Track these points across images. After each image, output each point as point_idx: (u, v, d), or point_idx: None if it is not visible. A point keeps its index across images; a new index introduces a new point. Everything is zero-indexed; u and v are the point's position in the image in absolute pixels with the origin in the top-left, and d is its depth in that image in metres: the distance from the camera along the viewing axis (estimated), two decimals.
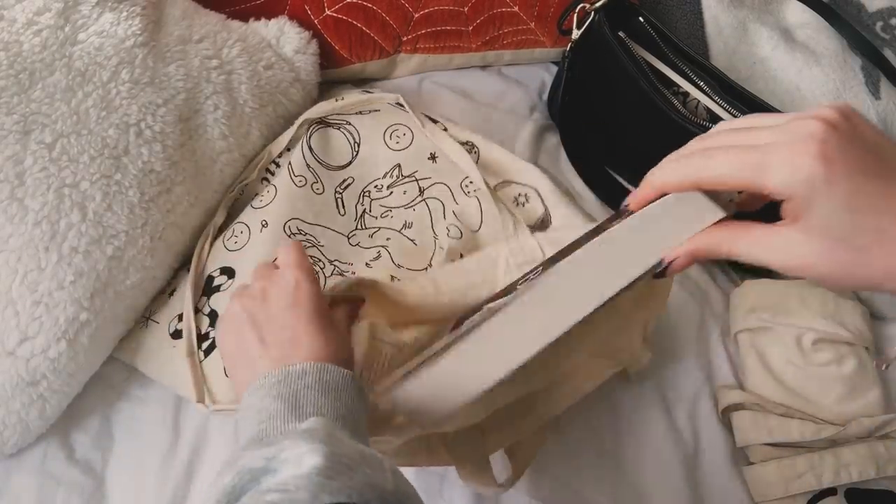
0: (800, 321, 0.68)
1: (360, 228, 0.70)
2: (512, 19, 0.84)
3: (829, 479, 0.62)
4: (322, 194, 0.69)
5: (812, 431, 0.64)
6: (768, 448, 0.65)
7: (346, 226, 0.70)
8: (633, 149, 0.80)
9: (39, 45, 0.60)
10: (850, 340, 0.67)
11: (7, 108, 0.58)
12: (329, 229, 0.68)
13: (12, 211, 0.58)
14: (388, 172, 0.72)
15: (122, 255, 0.61)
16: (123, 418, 0.65)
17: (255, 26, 0.75)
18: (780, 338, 0.68)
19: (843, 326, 0.68)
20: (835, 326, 0.68)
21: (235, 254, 0.67)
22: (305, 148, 0.70)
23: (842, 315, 0.69)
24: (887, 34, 0.85)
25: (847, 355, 0.67)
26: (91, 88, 0.61)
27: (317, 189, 0.69)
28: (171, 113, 0.65)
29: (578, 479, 0.65)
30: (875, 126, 0.37)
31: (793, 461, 0.64)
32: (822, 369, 0.66)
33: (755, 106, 0.69)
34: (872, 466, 0.62)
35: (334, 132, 0.72)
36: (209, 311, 0.66)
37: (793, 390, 0.66)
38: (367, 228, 0.70)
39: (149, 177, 0.63)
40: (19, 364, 0.58)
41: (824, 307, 0.69)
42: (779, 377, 0.67)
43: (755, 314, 0.70)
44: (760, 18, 0.83)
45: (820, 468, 0.63)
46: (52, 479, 0.61)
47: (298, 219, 0.68)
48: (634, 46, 0.75)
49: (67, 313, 0.59)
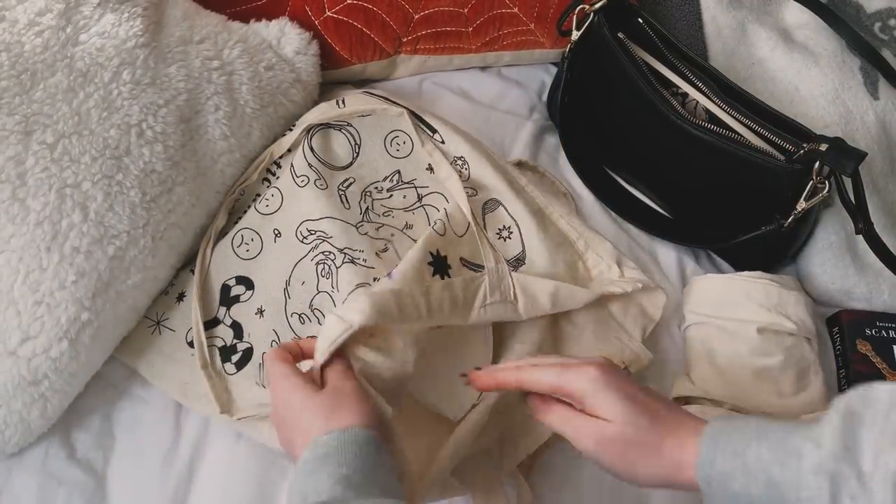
0: (744, 314, 0.68)
1: (366, 221, 0.70)
2: (512, 20, 0.84)
3: None
4: (326, 189, 0.69)
5: None
6: None
7: (352, 217, 0.69)
8: (632, 149, 0.80)
9: (41, 46, 0.60)
10: (793, 332, 0.68)
11: (9, 108, 0.58)
12: (337, 220, 0.68)
13: (14, 211, 0.58)
14: (389, 177, 0.72)
15: (123, 255, 0.62)
16: (125, 418, 0.65)
17: (256, 27, 0.75)
18: (725, 332, 0.69)
19: (786, 318, 0.68)
20: (779, 318, 0.68)
21: (250, 262, 0.68)
22: (307, 149, 0.70)
23: (785, 306, 0.69)
24: (886, 35, 0.85)
25: (791, 347, 0.67)
26: (92, 89, 0.61)
27: (320, 185, 0.69)
28: (173, 113, 0.65)
29: (579, 479, 0.66)
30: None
31: None
32: (765, 361, 0.67)
33: (754, 106, 0.70)
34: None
35: (335, 133, 0.72)
36: (231, 323, 0.66)
37: (737, 384, 0.66)
38: (373, 222, 0.70)
39: (150, 177, 0.63)
40: (21, 363, 0.58)
41: (768, 299, 0.69)
42: (723, 371, 0.67)
43: (701, 309, 0.70)
44: (759, 19, 0.83)
45: None
46: (53, 479, 0.62)
47: (307, 219, 0.68)
48: (634, 47, 0.75)
49: (69, 313, 0.59)
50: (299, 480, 0.43)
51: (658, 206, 0.82)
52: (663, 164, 0.77)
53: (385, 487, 0.43)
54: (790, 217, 0.67)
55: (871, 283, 0.74)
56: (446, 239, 0.67)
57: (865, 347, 0.72)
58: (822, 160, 0.63)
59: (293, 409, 0.48)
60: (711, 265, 0.79)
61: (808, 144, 0.65)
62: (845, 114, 0.77)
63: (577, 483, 0.65)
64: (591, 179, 0.82)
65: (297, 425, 0.47)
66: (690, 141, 0.70)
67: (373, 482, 0.42)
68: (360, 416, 0.46)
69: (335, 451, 0.43)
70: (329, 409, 0.46)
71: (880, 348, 0.72)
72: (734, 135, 0.70)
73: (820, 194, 0.65)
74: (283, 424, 0.49)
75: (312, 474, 0.43)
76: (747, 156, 0.67)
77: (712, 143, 0.69)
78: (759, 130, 0.69)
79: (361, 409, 0.47)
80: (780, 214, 0.68)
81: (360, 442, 0.44)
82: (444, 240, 0.66)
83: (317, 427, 0.46)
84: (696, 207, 0.78)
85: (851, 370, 0.71)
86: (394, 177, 0.72)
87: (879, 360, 0.71)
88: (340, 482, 0.41)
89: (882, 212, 0.74)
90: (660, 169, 0.78)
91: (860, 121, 0.77)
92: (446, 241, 0.66)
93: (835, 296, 0.75)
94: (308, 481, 0.42)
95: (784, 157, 0.67)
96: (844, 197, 0.65)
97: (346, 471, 0.42)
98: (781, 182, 0.66)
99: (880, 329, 0.73)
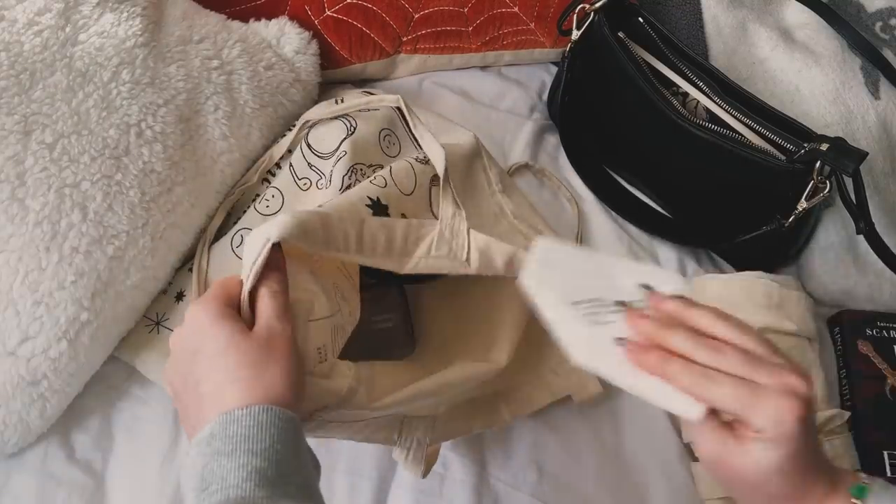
0: (744, 314, 0.68)
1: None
2: (512, 20, 0.84)
3: None
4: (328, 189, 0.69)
5: None
6: None
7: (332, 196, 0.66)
8: (632, 149, 0.80)
9: (40, 46, 0.60)
10: (794, 332, 0.67)
11: (8, 108, 0.58)
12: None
13: (13, 211, 0.58)
14: (374, 167, 0.71)
15: (122, 255, 0.61)
16: (124, 418, 0.65)
17: (256, 27, 0.75)
18: None
19: (787, 318, 0.68)
20: (779, 318, 0.68)
21: None
22: (304, 147, 0.70)
23: (786, 307, 0.69)
24: (886, 34, 0.85)
25: (791, 347, 0.67)
26: (92, 89, 0.61)
27: (322, 185, 0.69)
28: (172, 113, 0.65)
29: (579, 479, 0.66)
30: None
31: None
32: None
33: (755, 106, 0.69)
34: None
35: (332, 121, 0.71)
36: None
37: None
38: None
39: (149, 177, 0.63)
40: (20, 364, 0.58)
41: (769, 299, 0.69)
42: None
43: None
44: (760, 19, 0.83)
45: None
46: (52, 479, 0.61)
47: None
48: (634, 47, 0.75)
49: (68, 313, 0.59)
50: (202, 454, 0.38)
51: (659, 206, 0.82)
52: (664, 164, 0.76)
53: (301, 486, 0.38)
54: (791, 217, 0.67)
55: (872, 283, 0.74)
56: (387, 191, 0.61)
57: (866, 347, 0.72)
58: (823, 160, 0.63)
59: (214, 353, 0.41)
60: (712, 265, 0.79)
61: (809, 144, 0.64)
62: (846, 113, 0.77)
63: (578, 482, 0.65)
64: (591, 179, 0.82)
65: (210, 375, 0.40)
66: (691, 140, 0.70)
67: (288, 477, 0.37)
68: (286, 380, 0.40)
69: (251, 434, 0.37)
70: (257, 362, 0.40)
71: (881, 348, 0.72)
72: (735, 134, 0.70)
73: (821, 194, 0.65)
74: (189, 377, 0.42)
75: (219, 456, 0.37)
76: (748, 155, 0.67)
77: (713, 143, 0.68)
78: (760, 130, 0.68)
79: (291, 367, 0.41)
80: (781, 214, 0.68)
81: (280, 425, 0.38)
82: (384, 191, 0.61)
83: (238, 386, 0.39)
84: (696, 207, 0.77)
85: (852, 370, 0.71)
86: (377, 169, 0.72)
87: (880, 360, 0.71)
88: (252, 477, 0.36)
89: (883, 212, 0.74)
90: (660, 169, 0.78)
91: (861, 120, 0.77)
92: (388, 193, 0.61)
93: (836, 296, 0.75)
94: (213, 463, 0.37)
95: (785, 157, 0.66)
96: (845, 197, 0.65)
97: (260, 462, 0.37)
98: (782, 182, 0.66)
99: (881, 329, 0.73)
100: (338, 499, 0.63)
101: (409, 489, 0.64)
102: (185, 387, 0.42)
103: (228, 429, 0.38)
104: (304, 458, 0.40)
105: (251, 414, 0.38)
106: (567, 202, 0.80)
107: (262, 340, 0.41)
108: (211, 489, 0.36)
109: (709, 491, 0.65)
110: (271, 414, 0.38)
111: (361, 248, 0.51)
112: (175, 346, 0.44)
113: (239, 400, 0.39)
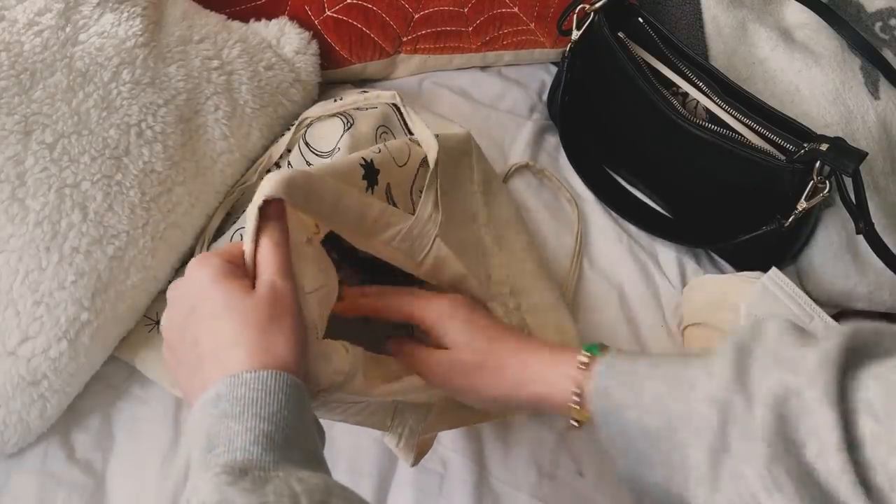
0: (737, 316, 0.68)
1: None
2: (512, 20, 0.84)
3: None
4: None
5: None
6: None
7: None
8: (632, 149, 0.80)
9: (40, 46, 0.60)
10: None
11: (8, 108, 0.58)
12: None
13: (13, 211, 0.58)
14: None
15: (123, 255, 0.61)
16: (124, 418, 0.65)
17: (256, 27, 0.75)
18: (724, 332, 0.68)
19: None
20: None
21: None
22: (303, 146, 0.70)
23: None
24: (886, 34, 0.85)
25: None
26: (92, 89, 0.61)
27: None
28: (172, 113, 0.65)
29: (579, 478, 0.66)
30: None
31: None
32: None
33: (754, 106, 0.70)
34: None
35: (330, 119, 0.71)
36: None
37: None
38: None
39: (150, 177, 0.63)
40: (20, 364, 0.58)
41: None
42: None
43: (700, 309, 0.70)
44: (760, 19, 0.83)
45: None
46: (52, 479, 0.61)
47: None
48: (634, 47, 0.75)
49: (68, 313, 0.59)
50: (208, 415, 0.37)
51: (658, 206, 0.82)
52: (664, 164, 0.76)
53: (305, 450, 0.38)
54: (791, 217, 0.67)
55: (871, 284, 0.74)
56: (382, 157, 0.61)
57: None
58: (822, 160, 0.63)
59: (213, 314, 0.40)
60: (712, 265, 0.79)
61: (809, 144, 0.64)
62: (846, 113, 0.77)
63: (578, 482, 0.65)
64: (591, 179, 0.82)
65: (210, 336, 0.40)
66: (691, 141, 0.70)
67: (294, 443, 0.37)
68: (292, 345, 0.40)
69: (258, 399, 0.37)
70: (262, 324, 0.39)
71: None
72: (735, 134, 0.70)
73: (821, 194, 0.65)
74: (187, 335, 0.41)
75: (226, 418, 0.36)
76: (748, 155, 0.67)
77: (713, 143, 0.68)
78: (760, 130, 0.68)
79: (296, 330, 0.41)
80: (781, 214, 0.68)
81: (288, 391, 0.38)
82: (379, 156, 0.61)
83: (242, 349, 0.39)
84: (696, 207, 0.77)
85: None
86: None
87: None
88: (259, 440, 0.36)
89: (883, 212, 0.74)
90: (660, 169, 0.78)
91: (861, 120, 0.77)
92: (382, 159, 0.61)
93: (835, 296, 0.75)
94: (220, 424, 0.36)
95: (785, 157, 0.66)
96: (845, 197, 0.65)
97: (268, 426, 0.36)
98: (782, 182, 0.66)
99: None
100: None
101: (410, 488, 0.64)
102: (181, 343, 0.42)
103: (236, 391, 0.37)
104: (309, 425, 0.40)
105: (259, 378, 0.38)
106: (567, 203, 0.80)
107: (265, 300, 0.40)
108: (218, 451, 0.35)
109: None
110: (280, 379, 0.38)
111: (334, 215, 0.50)
112: (172, 297, 0.43)
113: (244, 363, 0.38)
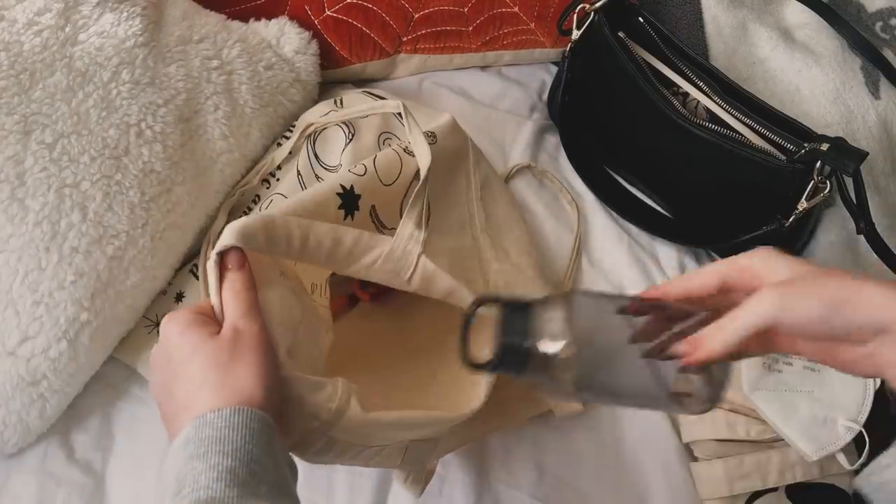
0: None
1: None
2: (512, 20, 0.84)
3: (773, 480, 0.63)
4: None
5: (758, 431, 0.64)
6: (713, 444, 0.65)
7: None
8: (632, 149, 0.80)
9: (40, 46, 0.60)
10: None
11: (8, 108, 0.58)
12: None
13: (13, 211, 0.58)
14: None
15: (122, 255, 0.61)
16: (124, 418, 0.65)
17: (256, 27, 0.75)
18: None
19: None
20: None
21: None
22: (311, 156, 0.70)
23: None
24: (887, 34, 0.85)
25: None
26: (91, 89, 0.61)
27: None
28: (172, 113, 0.65)
29: (579, 479, 0.65)
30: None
31: (740, 460, 0.64)
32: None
33: (755, 106, 0.69)
34: (817, 466, 0.63)
35: (333, 129, 0.71)
36: None
37: (737, 388, 0.66)
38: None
39: (149, 177, 0.63)
40: (20, 364, 0.58)
41: None
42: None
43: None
44: (760, 19, 0.83)
45: (766, 468, 0.63)
46: (52, 479, 0.61)
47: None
48: (634, 47, 0.75)
49: (68, 313, 0.59)
50: (178, 459, 0.38)
51: (659, 206, 0.81)
52: (664, 164, 0.76)
53: (273, 485, 0.38)
54: (791, 217, 0.67)
55: None
56: (365, 179, 0.61)
57: None
58: (823, 160, 0.63)
59: (181, 360, 0.41)
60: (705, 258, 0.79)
61: (810, 144, 0.64)
62: (846, 113, 0.77)
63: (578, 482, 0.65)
64: (591, 179, 0.82)
65: (181, 383, 0.41)
66: (691, 140, 0.70)
67: (261, 478, 0.37)
68: (256, 379, 0.41)
69: (222, 436, 0.38)
70: (224, 363, 0.40)
71: None
72: (735, 134, 0.70)
73: (821, 194, 0.65)
74: (166, 389, 0.43)
75: (193, 459, 0.37)
76: (748, 155, 0.67)
77: (713, 143, 0.68)
78: (760, 130, 0.68)
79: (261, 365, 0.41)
80: (782, 214, 0.68)
81: (253, 426, 0.39)
82: (361, 179, 0.60)
83: (207, 389, 0.40)
84: (696, 207, 0.77)
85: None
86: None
87: None
88: (223, 477, 0.36)
89: (883, 212, 0.74)
90: (661, 169, 0.78)
91: (861, 120, 0.77)
92: (364, 181, 0.60)
93: None
94: (187, 466, 0.37)
95: (785, 157, 0.66)
96: (846, 197, 0.65)
97: (232, 462, 0.37)
98: (782, 182, 0.66)
99: None
100: (338, 498, 0.63)
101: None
102: (165, 398, 0.43)
103: (201, 432, 0.38)
104: (277, 458, 0.40)
105: (223, 416, 0.38)
106: (567, 204, 0.80)
107: (227, 341, 0.42)
108: (184, 492, 0.36)
109: (709, 491, 0.65)
110: (243, 415, 0.39)
111: (304, 251, 0.51)
112: (153, 361, 0.45)
113: (210, 403, 0.39)
